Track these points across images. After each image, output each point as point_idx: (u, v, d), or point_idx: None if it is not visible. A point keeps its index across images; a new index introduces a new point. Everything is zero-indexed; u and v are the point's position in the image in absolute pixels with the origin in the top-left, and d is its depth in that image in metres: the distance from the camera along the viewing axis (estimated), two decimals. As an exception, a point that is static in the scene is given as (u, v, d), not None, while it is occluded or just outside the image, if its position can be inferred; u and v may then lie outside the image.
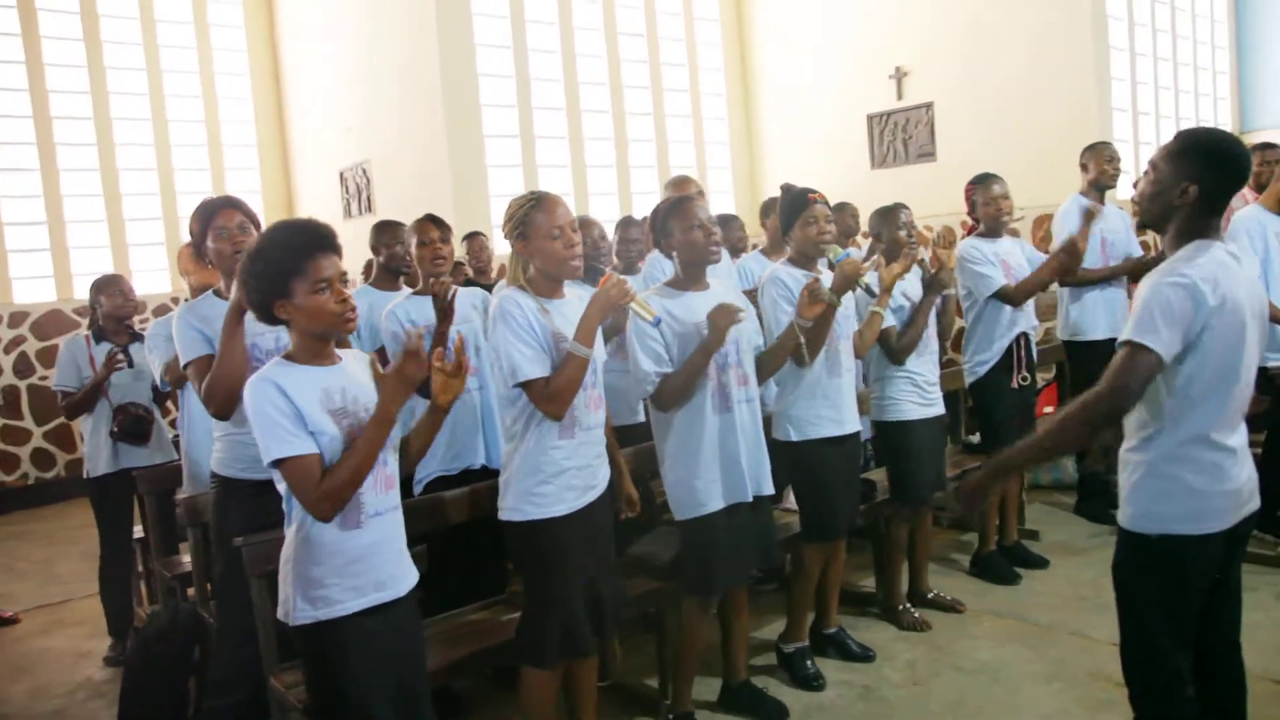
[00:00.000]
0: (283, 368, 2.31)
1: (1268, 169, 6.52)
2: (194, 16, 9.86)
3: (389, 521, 2.39)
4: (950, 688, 3.64)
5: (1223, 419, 2.28)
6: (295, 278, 2.26)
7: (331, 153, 9.87)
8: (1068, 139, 5.87)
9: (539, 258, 2.81)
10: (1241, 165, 2.33)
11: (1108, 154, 5.25)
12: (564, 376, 2.72)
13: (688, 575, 3.26)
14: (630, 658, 3.92)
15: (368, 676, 2.31)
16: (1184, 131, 2.42)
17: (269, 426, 2.21)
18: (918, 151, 9.36)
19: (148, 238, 9.53)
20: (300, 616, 2.29)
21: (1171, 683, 2.31)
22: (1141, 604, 2.36)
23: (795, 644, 3.80)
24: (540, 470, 2.78)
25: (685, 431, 3.17)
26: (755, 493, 3.24)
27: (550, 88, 9.60)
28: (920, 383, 4.09)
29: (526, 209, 2.79)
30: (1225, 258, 2.27)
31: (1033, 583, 4.59)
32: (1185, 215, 2.31)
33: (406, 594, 2.42)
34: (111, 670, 4.43)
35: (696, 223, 3.17)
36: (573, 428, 2.81)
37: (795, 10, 10.38)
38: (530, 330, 2.74)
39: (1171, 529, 2.28)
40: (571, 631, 2.83)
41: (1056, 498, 5.86)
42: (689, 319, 3.13)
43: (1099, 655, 3.75)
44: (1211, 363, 2.22)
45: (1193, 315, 2.18)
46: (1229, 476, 2.29)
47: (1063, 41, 8.32)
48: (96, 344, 4.62)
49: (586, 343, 2.72)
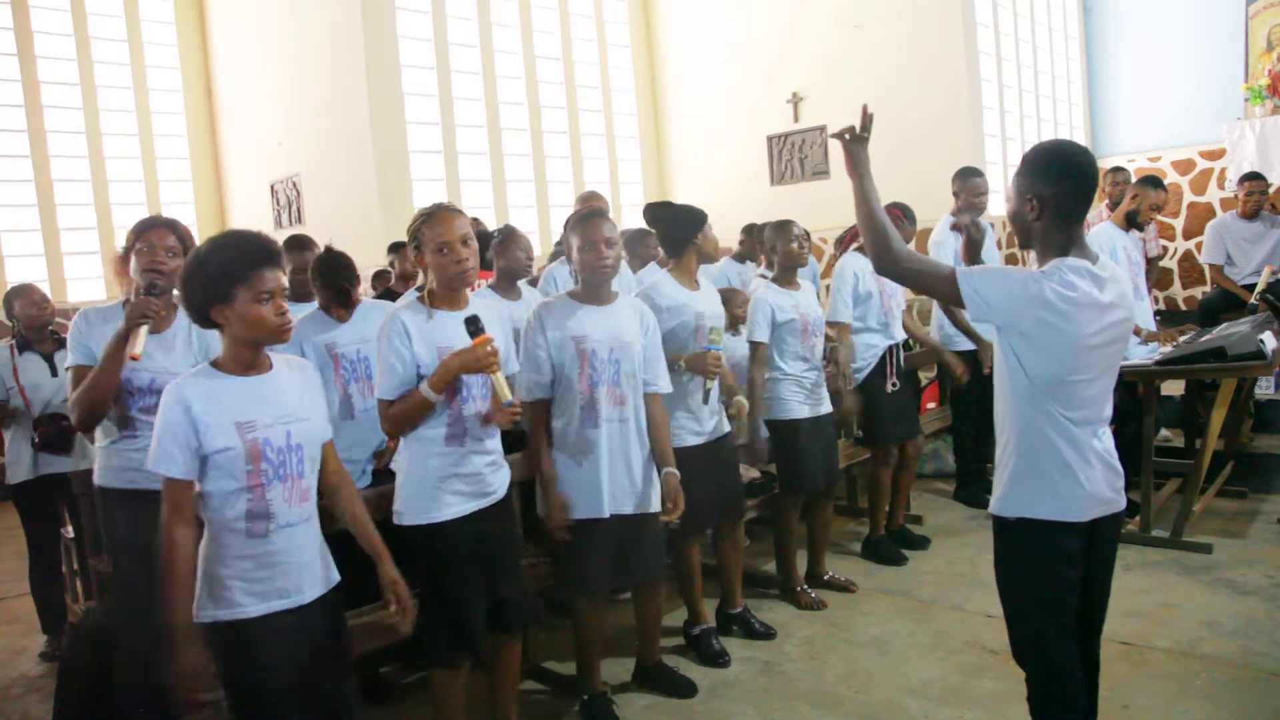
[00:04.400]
0: (204, 377, 2.22)
1: (1118, 189, 6.87)
2: (128, 33, 9.49)
3: (300, 532, 2.27)
4: (844, 660, 3.69)
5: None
6: (240, 284, 2.17)
7: (262, 166, 9.60)
8: (947, 161, 6.03)
9: (431, 270, 2.75)
10: (1076, 169, 2.23)
11: (979, 186, 5.33)
12: (401, 409, 2.66)
13: (569, 576, 3.25)
14: (549, 643, 3.90)
15: (270, 674, 2.20)
16: (1029, 150, 2.34)
17: (161, 438, 2.14)
18: (813, 170, 9.51)
19: (82, 246, 9.14)
20: (203, 615, 2.20)
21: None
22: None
23: (700, 626, 3.81)
24: (427, 476, 2.71)
25: (558, 442, 3.15)
26: (615, 510, 3.14)
27: (472, 106, 9.50)
28: (806, 385, 4.12)
29: (419, 224, 2.73)
30: (1081, 270, 2.18)
31: (917, 563, 4.69)
32: (1040, 229, 2.24)
33: (319, 597, 2.31)
34: (47, 665, 4.24)
35: (590, 241, 3.11)
36: (462, 436, 2.73)
37: (702, 38, 10.47)
38: (397, 353, 2.66)
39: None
40: (462, 633, 2.75)
41: (937, 485, 6.01)
42: (563, 331, 3.09)
43: (974, 625, 3.86)
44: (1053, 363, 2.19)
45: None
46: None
47: (941, 72, 8.56)
48: (21, 354, 4.39)
49: (437, 389, 2.62)
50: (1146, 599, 4.02)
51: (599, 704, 3.33)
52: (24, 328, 4.43)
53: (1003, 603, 2.38)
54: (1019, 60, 9.74)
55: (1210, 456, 4.74)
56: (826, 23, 9.26)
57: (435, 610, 2.73)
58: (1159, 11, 9.72)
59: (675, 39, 10.78)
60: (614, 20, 10.85)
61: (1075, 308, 2.13)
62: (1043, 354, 2.18)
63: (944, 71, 8.55)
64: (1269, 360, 4.33)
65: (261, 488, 2.18)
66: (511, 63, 9.90)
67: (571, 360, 3.09)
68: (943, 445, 6.15)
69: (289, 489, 2.23)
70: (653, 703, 3.46)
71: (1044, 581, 2.28)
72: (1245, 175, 7.06)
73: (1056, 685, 2.30)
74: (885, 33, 8.87)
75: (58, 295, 8.59)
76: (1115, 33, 10.22)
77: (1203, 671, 3.36)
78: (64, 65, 9.09)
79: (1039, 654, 2.31)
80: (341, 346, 3.57)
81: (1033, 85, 9.98)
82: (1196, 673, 3.35)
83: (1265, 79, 8.68)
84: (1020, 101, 9.79)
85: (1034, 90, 10.01)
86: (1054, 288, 2.13)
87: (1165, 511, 4.84)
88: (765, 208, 8.12)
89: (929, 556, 4.78)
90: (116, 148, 9.44)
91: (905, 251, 2.30)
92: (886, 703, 3.33)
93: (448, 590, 2.74)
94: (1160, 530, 4.63)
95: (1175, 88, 9.62)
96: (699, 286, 3.71)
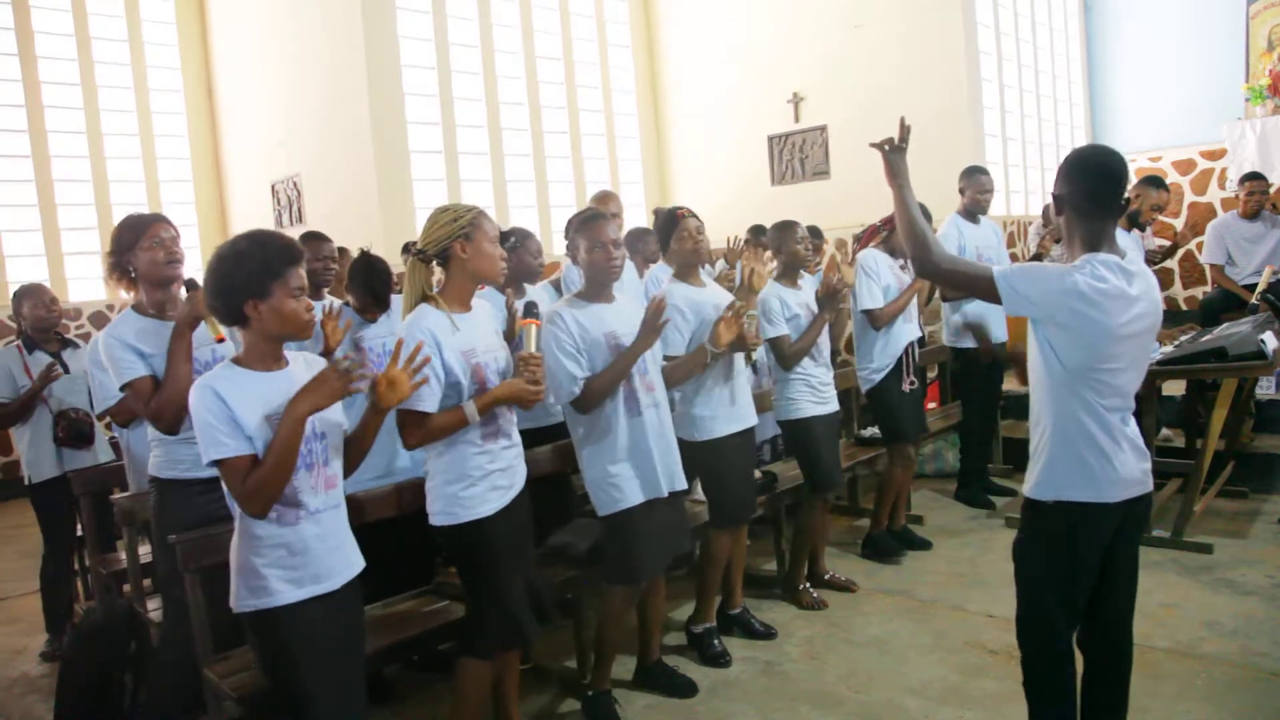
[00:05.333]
0: (227, 373, 2.26)
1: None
2: (129, 33, 9.51)
3: (328, 519, 2.33)
4: (844, 660, 3.69)
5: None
6: (276, 280, 2.23)
7: (263, 166, 9.61)
8: (948, 161, 6.03)
9: (472, 265, 2.73)
10: (1091, 170, 2.36)
11: (984, 184, 5.36)
12: (441, 425, 2.66)
13: (613, 567, 3.23)
14: (549, 641, 3.90)
15: (309, 662, 2.26)
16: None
17: (205, 430, 2.17)
18: (814, 170, 9.50)
19: (83, 246, 9.16)
20: (241, 605, 2.27)
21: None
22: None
23: (703, 625, 3.81)
24: (467, 475, 2.72)
25: (600, 435, 3.15)
26: (669, 488, 3.22)
27: (473, 106, 9.51)
28: (815, 384, 4.13)
29: (470, 216, 2.72)
30: (1111, 264, 2.29)
31: (917, 563, 4.69)
32: (1067, 227, 2.40)
33: (347, 583, 2.37)
34: (48, 665, 4.23)
35: (599, 243, 3.15)
36: (496, 433, 2.77)
37: (702, 38, 10.47)
38: (431, 366, 2.61)
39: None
40: (512, 624, 2.79)
41: (939, 485, 6.01)
42: (595, 329, 3.12)
43: (975, 626, 3.85)
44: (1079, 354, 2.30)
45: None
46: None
47: (941, 72, 8.55)
48: (29, 353, 4.39)
49: (482, 412, 2.66)
50: (1147, 599, 3.99)
51: (602, 702, 3.34)
52: (31, 328, 4.43)
53: (1018, 581, 2.50)
54: (1019, 60, 9.73)
55: (1211, 456, 4.74)
56: (827, 23, 9.25)
57: (488, 603, 2.77)
58: (1160, 11, 9.72)
59: (676, 39, 10.78)
60: (614, 20, 10.85)
61: (1107, 299, 2.25)
62: (1077, 343, 2.30)
63: (944, 71, 8.54)
64: (1270, 360, 4.33)
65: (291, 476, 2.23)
66: (512, 63, 9.91)
67: (605, 357, 3.12)
68: (944, 445, 6.15)
69: (315, 477, 2.29)
70: (653, 702, 3.46)
71: (1067, 562, 2.40)
72: (1246, 175, 7.06)
73: (1052, 666, 2.43)
74: (886, 32, 8.87)
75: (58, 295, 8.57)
76: (1116, 32, 10.22)
77: (1203, 671, 3.36)
78: (65, 65, 9.11)
79: (1042, 633, 2.44)
80: (369, 340, 3.63)
81: (1033, 85, 9.98)
82: (1197, 673, 3.36)
83: (1266, 79, 8.67)
84: (1021, 101, 9.78)
85: (1034, 90, 10.00)
86: (1087, 280, 2.25)
87: (1166, 511, 4.84)
88: (766, 208, 8.12)
89: (929, 556, 4.77)
90: (117, 148, 9.46)
91: (945, 255, 2.48)
92: (887, 703, 3.33)
93: (499, 583, 2.77)
94: (1161, 530, 4.63)
95: (1176, 87, 9.62)
96: (705, 284, 3.72)
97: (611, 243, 3.16)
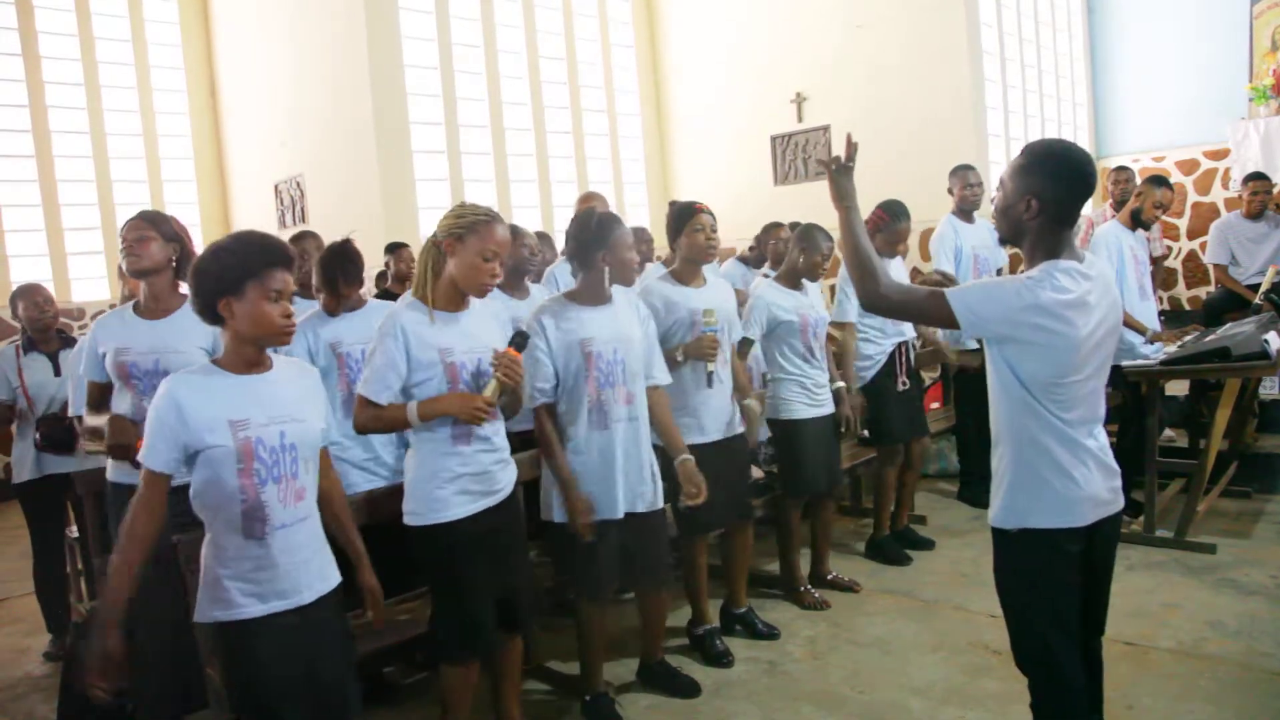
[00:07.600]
0: (201, 374, 2.22)
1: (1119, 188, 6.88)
2: (132, 34, 9.50)
3: (296, 532, 2.25)
4: (847, 660, 3.69)
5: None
6: (251, 279, 2.17)
7: (266, 166, 9.61)
8: (950, 161, 6.00)
9: (458, 271, 2.70)
10: (1079, 173, 2.19)
11: (969, 179, 5.36)
12: (383, 421, 2.67)
13: (577, 578, 3.23)
14: (551, 641, 3.90)
15: (271, 676, 2.20)
16: (1028, 145, 2.28)
17: (149, 431, 2.15)
18: (816, 170, 9.49)
19: (86, 246, 9.15)
20: (203, 615, 2.21)
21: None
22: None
23: (704, 626, 3.81)
24: (435, 476, 2.71)
25: (564, 444, 3.13)
26: (628, 509, 3.15)
27: (475, 106, 9.50)
28: (809, 385, 4.11)
29: (472, 220, 2.69)
30: (1072, 271, 2.16)
31: (920, 563, 4.69)
32: (1035, 229, 2.21)
33: (321, 597, 2.30)
34: (51, 665, 4.25)
35: (626, 244, 3.19)
36: (468, 435, 2.73)
37: (704, 38, 10.46)
38: (390, 357, 2.63)
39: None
40: (474, 630, 2.76)
41: (941, 485, 6.00)
42: (573, 334, 3.09)
43: (978, 626, 3.86)
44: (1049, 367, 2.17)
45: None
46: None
47: (943, 72, 8.54)
48: (26, 354, 4.39)
49: (424, 419, 2.64)
50: (1150, 599, 4.01)
51: (602, 703, 3.33)
52: (28, 328, 4.44)
53: (1006, 614, 2.35)
54: (1023, 60, 9.71)
55: (1214, 457, 4.73)
56: (829, 23, 9.24)
57: (447, 608, 2.76)
58: (1163, 11, 9.69)
59: (678, 39, 10.77)
60: (617, 20, 10.84)
61: (1071, 309, 2.12)
62: (1040, 359, 2.16)
63: (947, 71, 8.53)
64: (1273, 361, 4.32)
65: (255, 487, 2.17)
66: (515, 63, 9.90)
67: (578, 364, 3.08)
68: (946, 445, 6.14)
69: (283, 489, 2.22)
70: (656, 702, 3.46)
71: (1048, 590, 2.25)
72: (1250, 175, 7.05)
73: (1064, 694, 2.27)
74: (888, 32, 8.86)
75: (62, 295, 8.60)
76: (1119, 32, 10.20)
77: (1207, 672, 3.36)
78: (68, 65, 9.10)
79: (1046, 664, 2.27)
80: (346, 346, 3.53)
81: (1036, 85, 9.96)
82: (1200, 673, 3.35)
83: (1269, 79, 8.64)
84: (1024, 101, 9.76)
85: (1038, 90, 9.98)
86: (1049, 294, 2.11)
87: (1169, 512, 4.83)
88: (768, 208, 8.11)
89: (932, 557, 4.77)
90: (121, 148, 9.45)
91: (894, 285, 2.29)
92: (890, 703, 3.32)
93: (460, 589, 2.75)
94: (1164, 530, 4.62)
95: (1179, 87, 9.59)
96: (704, 283, 3.69)
97: (632, 245, 3.24)
